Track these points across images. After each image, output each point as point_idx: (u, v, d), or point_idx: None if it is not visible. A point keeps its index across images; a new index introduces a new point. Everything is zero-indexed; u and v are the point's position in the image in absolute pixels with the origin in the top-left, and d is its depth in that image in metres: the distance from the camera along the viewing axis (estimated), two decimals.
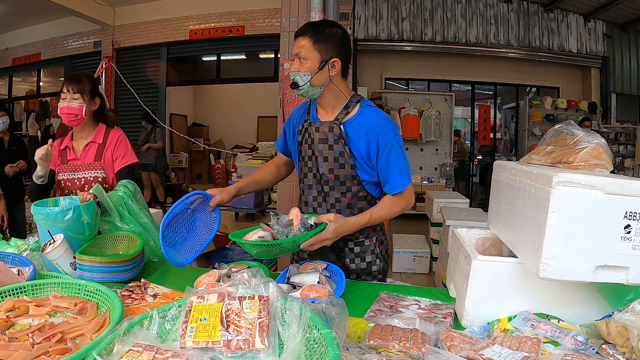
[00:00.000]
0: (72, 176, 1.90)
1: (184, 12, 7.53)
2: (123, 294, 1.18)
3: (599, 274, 0.90)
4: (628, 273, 0.90)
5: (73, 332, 0.93)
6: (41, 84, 9.41)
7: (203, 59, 8.37)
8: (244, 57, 8.12)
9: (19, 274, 1.20)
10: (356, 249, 1.55)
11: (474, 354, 0.84)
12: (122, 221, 1.61)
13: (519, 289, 1.04)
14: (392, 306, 1.18)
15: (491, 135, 8.50)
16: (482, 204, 7.01)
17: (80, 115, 1.86)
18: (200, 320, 0.85)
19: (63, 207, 1.38)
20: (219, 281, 1.19)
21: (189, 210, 1.53)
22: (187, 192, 1.56)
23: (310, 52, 1.41)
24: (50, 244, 1.30)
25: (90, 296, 1.11)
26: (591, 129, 1.27)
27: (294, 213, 1.30)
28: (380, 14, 7.23)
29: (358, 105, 1.48)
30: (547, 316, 1.01)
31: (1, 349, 0.84)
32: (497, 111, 8.88)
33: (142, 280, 1.29)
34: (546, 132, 1.23)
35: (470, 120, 8.57)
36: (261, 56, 8.02)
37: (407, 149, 6.29)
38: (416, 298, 1.24)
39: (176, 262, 1.42)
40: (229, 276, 1.22)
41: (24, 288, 1.12)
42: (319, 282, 1.19)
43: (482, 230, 1.37)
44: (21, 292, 1.11)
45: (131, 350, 0.78)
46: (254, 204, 6.41)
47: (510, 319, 1.02)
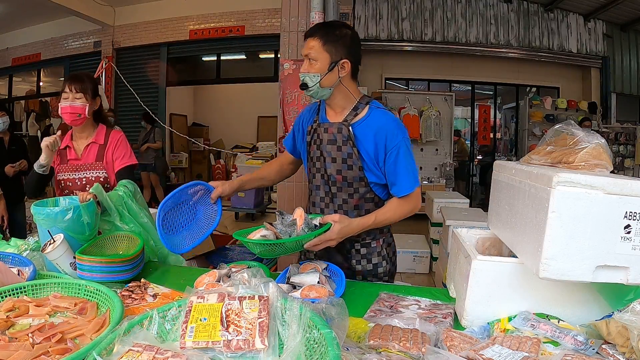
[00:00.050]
0: (73, 176, 1.90)
1: (184, 12, 7.53)
2: (123, 294, 1.18)
3: (599, 274, 0.90)
4: (628, 273, 0.90)
5: (73, 332, 0.93)
6: (41, 84, 9.42)
7: (203, 59, 8.37)
8: (244, 57, 8.13)
9: (19, 274, 1.20)
10: (362, 250, 1.54)
11: (474, 354, 0.84)
12: (122, 221, 1.61)
13: (519, 289, 1.04)
14: (392, 306, 1.18)
15: (491, 135, 8.49)
16: (482, 204, 7.00)
17: (83, 114, 1.87)
18: (200, 320, 0.85)
19: (63, 207, 1.38)
20: (219, 281, 1.19)
21: (190, 202, 1.53)
22: None
23: (320, 53, 1.41)
24: (50, 244, 1.30)
25: (90, 296, 1.11)
26: (591, 129, 1.27)
27: (298, 213, 1.29)
28: (380, 14, 7.23)
29: (367, 107, 1.47)
30: (547, 316, 1.01)
31: (1, 349, 0.84)
32: (497, 111, 8.88)
33: (142, 280, 1.29)
34: (546, 132, 1.23)
35: (470, 120, 8.57)
36: (261, 56, 8.02)
37: None
38: (416, 298, 1.24)
39: (173, 249, 1.43)
40: (229, 276, 1.22)
41: (24, 288, 1.12)
42: (319, 282, 1.19)
43: (482, 230, 1.37)
44: (21, 292, 1.11)
45: (131, 350, 0.78)
46: (254, 204, 6.41)
47: (510, 319, 1.02)
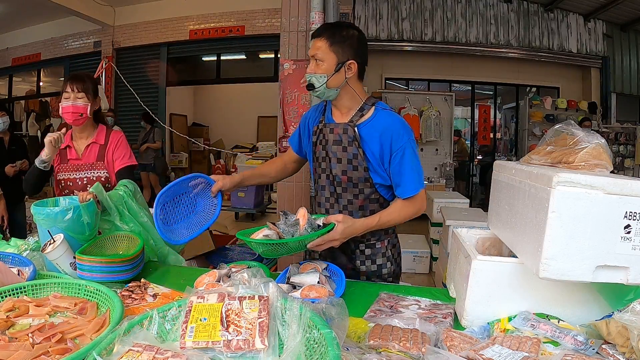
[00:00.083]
0: (73, 176, 1.90)
1: (184, 12, 7.54)
2: (123, 294, 1.18)
3: (599, 274, 0.90)
4: (628, 273, 0.90)
5: (73, 332, 0.93)
6: (41, 84, 9.42)
7: (203, 59, 8.38)
8: (244, 57, 8.13)
9: (19, 274, 1.20)
10: (367, 251, 1.54)
11: (474, 354, 0.84)
12: (122, 220, 1.61)
13: (519, 289, 1.04)
14: (392, 306, 1.18)
15: (491, 135, 8.49)
16: (482, 204, 7.00)
17: (85, 114, 1.87)
18: (200, 320, 0.85)
19: (63, 207, 1.38)
20: (219, 281, 1.19)
21: (191, 194, 1.53)
22: None
23: (326, 54, 1.41)
24: (50, 244, 1.30)
25: (90, 296, 1.11)
26: (591, 129, 1.27)
27: (301, 213, 1.29)
28: (380, 14, 7.23)
29: (373, 108, 1.47)
30: (547, 316, 1.01)
31: (1, 349, 0.84)
32: (497, 111, 8.88)
33: (142, 280, 1.29)
34: (546, 132, 1.23)
35: (470, 120, 8.57)
36: (261, 56, 8.03)
37: None
38: (416, 298, 1.24)
39: (169, 239, 1.43)
40: (229, 276, 1.22)
41: (24, 288, 1.12)
42: (319, 282, 1.19)
43: (482, 230, 1.37)
44: (21, 292, 1.11)
45: (131, 350, 0.78)
46: (254, 204, 6.41)
47: (510, 319, 1.02)
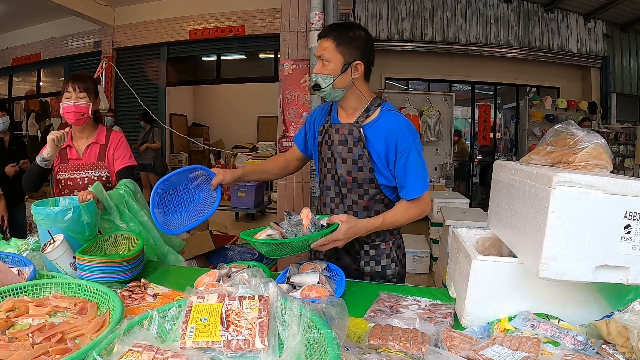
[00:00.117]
0: (74, 175, 1.90)
1: (184, 12, 7.54)
2: (123, 294, 1.18)
3: (599, 274, 0.90)
4: (628, 273, 0.90)
5: (73, 332, 0.93)
6: (41, 84, 9.43)
7: (203, 59, 8.38)
8: (244, 57, 8.13)
9: (19, 274, 1.20)
10: (371, 251, 1.54)
11: (474, 354, 0.84)
12: (122, 219, 1.61)
13: (519, 289, 1.04)
14: (392, 306, 1.18)
15: (491, 135, 8.49)
16: (482, 204, 7.00)
17: (87, 113, 1.88)
18: (200, 320, 0.85)
19: (63, 207, 1.38)
20: (219, 281, 1.19)
21: (190, 186, 1.53)
22: None
23: (333, 55, 1.41)
24: (50, 244, 1.30)
25: (90, 296, 1.11)
26: (591, 129, 1.27)
27: (304, 213, 1.29)
28: (380, 14, 7.22)
29: (379, 109, 1.47)
30: (547, 316, 1.01)
31: (1, 349, 0.84)
32: (497, 111, 8.87)
33: (142, 280, 1.29)
34: (546, 132, 1.23)
35: (470, 120, 8.57)
36: (261, 56, 8.03)
37: None
38: (416, 298, 1.24)
39: (165, 229, 1.43)
40: (229, 276, 1.22)
41: (24, 288, 1.12)
42: (319, 282, 1.19)
43: (482, 230, 1.37)
44: (21, 292, 1.11)
45: (131, 350, 0.78)
46: (254, 204, 6.41)
47: (510, 319, 1.02)
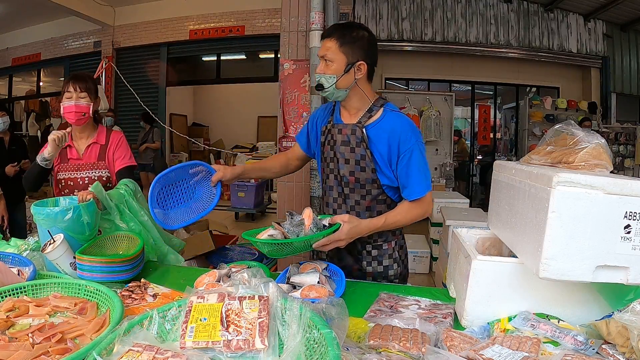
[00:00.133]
0: (75, 175, 1.90)
1: (184, 12, 7.54)
2: (123, 294, 1.18)
3: (599, 274, 0.90)
4: (628, 273, 0.90)
5: (73, 332, 0.93)
6: (41, 84, 9.43)
7: (203, 59, 8.38)
8: (244, 57, 8.14)
9: (19, 274, 1.20)
10: (374, 252, 1.54)
11: (474, 354, 0.84)
12: (122, 219, 1.61)
13: (519, 289, 1.04)
14: (392, 306, 1.18)
15: (491, 135, 8.48)
16: (482, 204, 7.00)
17: (88, 113, 1.88)
18: (200, 320, 0.85)
19: (63, 207, 1.38)
20: (219, 281, 1.19)
21: (190, 181, 1.53)
22: None
23: (336, 55, 1.40)
24: (50, 244, 1.30)
25: (90, 296, 1.11)
26: (591, 129, 1.27)
27: (306, 213, 1.29)
28: (380, 14, 7.22)
29: (381, 109, 1.47)
30: (547, 316, 1.01)
31: (1, 349, 0.84)
32: (497, 111, 8.87)
33: (142, 280, 1.29)
34: (546, 132, 1.23)
35: (470, 120, 8.56)
36: (261, 56, 8.03)
37: None
38: (416, 298, 1.24)
39: (162, 223, 1.43)
40: (229, 276, 1.22)
41: (24, 288, 1.12)
42: (319, 282, 1.19)
43: (482, 230, 1.37)
44: (21, 292, 1.11)
45: (131, 350, 0.78)
46: (254, 204, 6.42)
47: (510, 319, 1.02)
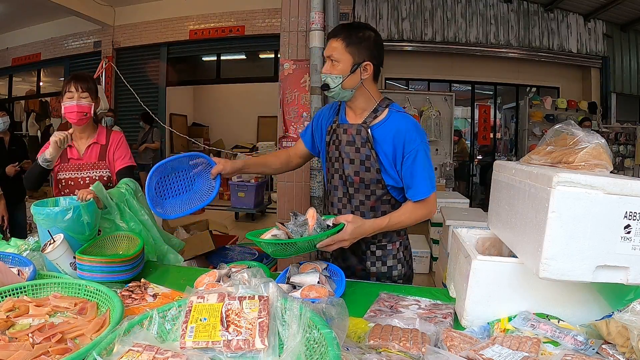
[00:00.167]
0: (75, 175, 1.90)
1: (184, 12, 7.54)
2: (123, 294, 1.18)
3: (599, 274, 0.90)
4: (628, 273, 0.90)
5: (73, 332, 0.93)
6: (41, 84, 9.43)
7: (203, 59, 8.38)
8: (244, 57, 8.14)
9: (19, 274, 1.20)
10: (378, 252, 1.53)
11: (474, 354, 0.84)
12: (122, 218, 1.61)
13: (519, 289, 1.04)
14: (392, 306, 1.18)
15: (491, 135, 8.48)
16: (482, 204, 7.00)
17: (90, 113, 1.88)
18: (200, 320, 0.85)
19: (63, 207, 1.38)
20: (219, 281, 1.19)
21: (190, 173, 1.53)
22: None
23: (342, 55, 1.41)
24: (50, 244, 1.30)
25: (90, 296, 1.11)
26: (591, 129, 1.27)
27: (310, 213, 1.29)
28: (380, 14, 7.22)
29: (387, 110, 1.47)
30: (547, 316, 1.01)
31: (1, 349, 0.84)
32: (497, 111, 8.87)
33: (142, 280, 1.29)
34: (546, 132, 1.23)
35: (470, 120, 8.56)
36: (261, 56, 8.03)
37: None
38: (416, 298, 1.24)
39: (158, 213, 1.43)
40: (229, 276, 1.22)
41: (24, 288, 1.12)
42: (319, 282, 1.19)
43: (482, 230, 1.37)
44: (21, 292, 1.11)
45: (131, 350, 0.78)
46: (254, 204, 6.42)
47: (510, 319, 1.02)
